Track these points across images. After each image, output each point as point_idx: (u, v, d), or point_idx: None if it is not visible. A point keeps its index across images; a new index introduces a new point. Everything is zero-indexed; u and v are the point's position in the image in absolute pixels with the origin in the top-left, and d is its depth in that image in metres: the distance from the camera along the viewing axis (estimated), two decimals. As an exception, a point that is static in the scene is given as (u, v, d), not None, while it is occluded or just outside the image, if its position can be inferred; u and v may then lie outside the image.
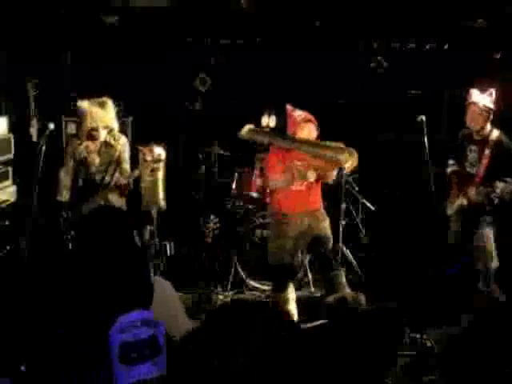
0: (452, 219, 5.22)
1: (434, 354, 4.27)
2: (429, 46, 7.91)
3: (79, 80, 7.63)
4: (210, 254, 6.25)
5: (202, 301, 5.50)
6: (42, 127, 6.34)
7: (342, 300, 3.80)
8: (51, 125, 4.73)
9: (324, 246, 4.85)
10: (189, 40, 8.04)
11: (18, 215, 5.91)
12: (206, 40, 8.11)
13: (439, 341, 4.38)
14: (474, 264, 5.07)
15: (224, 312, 1.55)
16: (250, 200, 6.15)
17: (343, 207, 6.12)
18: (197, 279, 5.85)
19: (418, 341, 4.35)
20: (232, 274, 5.74)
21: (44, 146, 4.60)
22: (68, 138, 6.76)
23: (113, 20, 7.75)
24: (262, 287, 5.70)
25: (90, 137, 4.87)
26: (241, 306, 1.57)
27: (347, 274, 5.17)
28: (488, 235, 5.01)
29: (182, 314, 2.67)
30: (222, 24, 7.80)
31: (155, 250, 5.66)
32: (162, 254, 5.87)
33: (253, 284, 5.74)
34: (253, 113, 6.90)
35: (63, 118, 7.10)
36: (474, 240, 5.04)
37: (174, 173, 5.67)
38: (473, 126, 5.02)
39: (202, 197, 6.74)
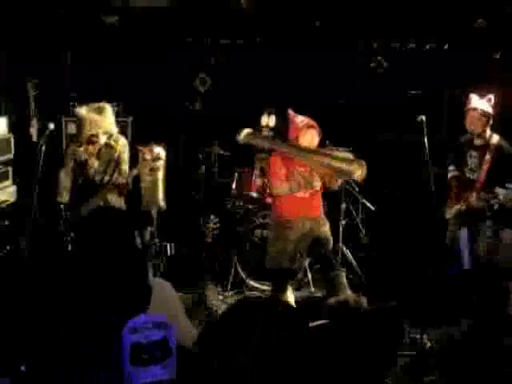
0: (450, 222, 5.24)
1: (433, 354, 4.26)
2: (429, 46, 7.91)
3: (79, 80, 7.63)
4: (210, 253, 6.25)
5: (202, 301, 5.50)
6: (42, 127, 6.33)
7: (343, 303, 3.80)
8: (51, 125, 4.71)
9: (324, 248, 4.87)
10: (189, 40, 8.04)
11: (18, 215, 5.90)
12: (206, 40, 8.11)
13: (439, 341, 4.38)
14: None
15: (232, 312, 1.55)
16: (250, 200, 6.15)
17: (343, 207, 6.14)
18: (197, 279, 5.85)
19: (418, 341, 4.34)
20: (232, 274, 5.74)
21: (44, 146, 4.58)
22: (68, 138, 6.78)
23: (113, 20, 7.75)
24: (261, 287, 5.69)
25: (90, 142, 4.86)
26: (249, 304, 1.57)
27: (347, 274, 5.18)
28: (485, 248, 5.03)
29: (181, 314, 2.67)
30: (222, 24, 7.80)
31: (155, 250, 5.66)
32: (162, 254, 5.87)
33: (253, 284, 5.73)
34: (253, 113, 6.89)
35: (63, 118, 7.09)
36: (473, 249, 5.06)
37: (174, 173, 5.65)
38: (473, 130, 5.02)
39: (201, 197, 6.73)
